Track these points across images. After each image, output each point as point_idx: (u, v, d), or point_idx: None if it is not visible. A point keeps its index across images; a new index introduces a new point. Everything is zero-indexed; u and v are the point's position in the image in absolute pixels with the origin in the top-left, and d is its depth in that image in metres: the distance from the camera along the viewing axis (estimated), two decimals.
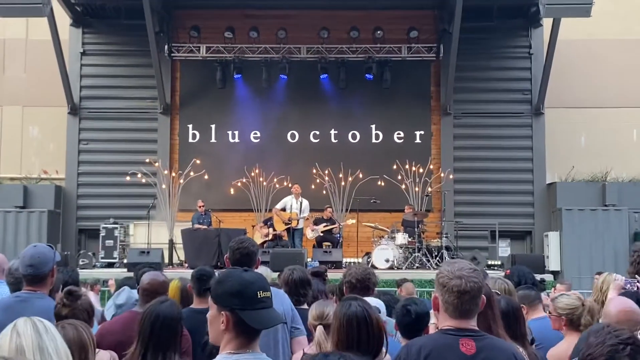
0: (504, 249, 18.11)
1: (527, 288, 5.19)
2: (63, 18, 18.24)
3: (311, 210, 16.27)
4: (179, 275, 6.32)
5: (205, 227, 15.77)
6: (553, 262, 16.94)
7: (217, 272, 5.43)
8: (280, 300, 4.36)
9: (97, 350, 3.69)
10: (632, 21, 19.41)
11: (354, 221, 16.42)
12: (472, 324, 2.88)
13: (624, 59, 19.23)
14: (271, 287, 2.76)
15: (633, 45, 19.37)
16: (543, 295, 6.31)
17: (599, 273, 6.16)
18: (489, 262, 16.25)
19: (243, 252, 4.37)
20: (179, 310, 3.68)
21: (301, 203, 15.91)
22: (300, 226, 16.02)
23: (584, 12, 15.57)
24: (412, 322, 4.02)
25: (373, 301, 3.87)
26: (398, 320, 4.10)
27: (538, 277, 10.00)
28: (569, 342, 4.18)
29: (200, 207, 16.27)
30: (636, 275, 5.60)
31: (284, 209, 16.06)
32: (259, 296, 2.59)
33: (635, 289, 5.43)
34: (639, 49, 19.43)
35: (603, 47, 19.11)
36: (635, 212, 17.17)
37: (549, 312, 4.71)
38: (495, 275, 5.23)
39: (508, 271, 5.75)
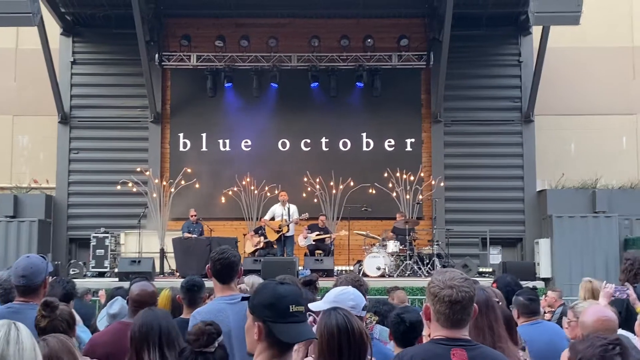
0: (495, 256, 18.14)
1: (528, 294, 5.18)
2: (53, 27, 18.22)
3: (301, 217, 16.20)
4: (170, 285, 6.31)
5: (195, 236, 15.72)
6: (544, 269, 16.99)
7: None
8: None
9: None
10: (621, 29, 19.56)
11: (346, 233, 16.42)
12: (464, 333, 2.88)
13: (612, 66, 19.36)
14: None
15: (622, 52, 19.50)
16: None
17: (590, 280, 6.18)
18: (480, 270, 16.27)
19: (224, 262, 4.35)
20: (171, 319, 3.66)
21: (288, 209, 15.85)
22: (291, 233, 15.97)
23: (573, 20, 15.64)
24: (407, 330, 4.02)
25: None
26: (393, 329, 4.10)
27: (530, 284, 10.02)
28: None
29: (192, 216, 16.23)
30: (626, 283, 5.63)
31: (272, 219, 16.02)
32: (290, 310, 2.62)
33: (625, 296, 5.46)
34: (628, 56, 19.58)
35: (592, 55, 19.22)
36: (626, 218, 17.23)
37: (568, 320, 4.73)
38: (484, 285, 5.23)
39: (495, 284, 5.75)
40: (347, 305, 3.41)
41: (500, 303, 4.45)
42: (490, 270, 16.48)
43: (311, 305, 3.42)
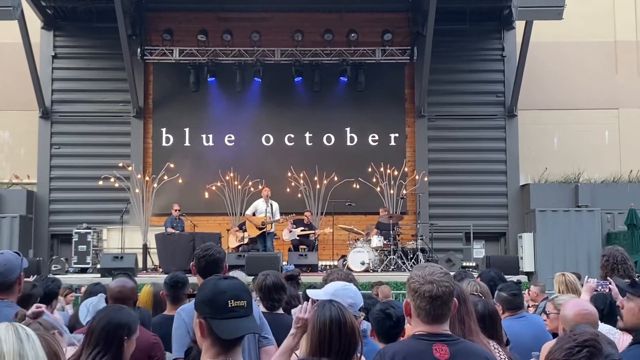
0: (479, 250, 18.22)
1: (510, 289, 5.17)
2: (34, 21, 18.04)
3: (288, 213, 16.13)
4: (153, 281, 6.24)
5: (178, 231, 15.64)
6: (527, 263, 17.08)
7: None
8: None
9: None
10: (603, 23, 19.65)
11: (330, 230, 16.40)
12: (445, 328, 2.86)
13: (595, 60, 19.48)
14: None
15: (604, 47, 19.62)
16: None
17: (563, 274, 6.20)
18: (464, 264, 16.31)
19: (209, 259, 4.30)
20: (131, 316, 3.58)
21: (271, 205, 15.75)
22: (272, 229, 15.90)
23: (555, 15, 15.70)
24: (393, 325, 4.00)
25: None
26: (377, 324, 4.07)
27: (514, 278, 10.04)
28: None
29: (176, 210, 16.13)
30: (608, 277, 5.64)
31: (254, 214, 15.94)
32: (229, 305, 2.56)
33: (607, 290, 5.47)
34: (610, 50, 19.69)
35: (575, 49, 19.32)
36: (608, 212, 17.36)
37: (548, 312, 4.73)
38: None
39: (479, 278, 5.75)
40: (345, 301, 3.38)
41: (484, 297, 4.45)
42: (474, 264, 16.54)
43: (310, 292, 3.40)
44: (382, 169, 17.37)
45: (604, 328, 4.35)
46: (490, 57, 19.26)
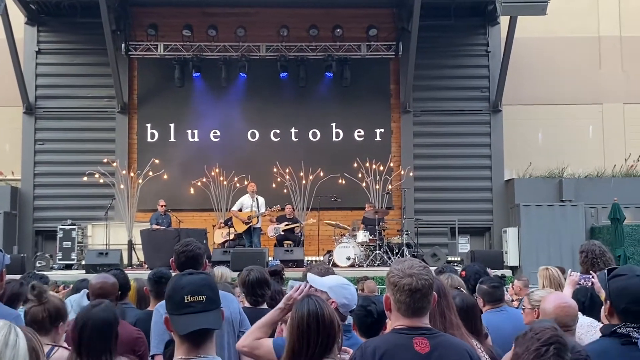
0: (464, 245, 18.31)
1: (491, 282, 5.21)
2: (17, 16, 17.93)
3: (273, 209, 16.14)
4: (138, 276, 6.23)
5: (163, 227, 15.60)
6: (512, 258, 17.18)
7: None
8: (227, 303, 4.28)
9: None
10: (587, 19, 19.76)
11: (314, 221, 16.44)
12: (425, 321, 2.88)
13: (579, 56, 19.60)
14: (219, 291, 2.73)
15: (588, 42, 19.73)
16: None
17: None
18: (449, 259, 16.38)
19: (188, 255, 4.29)
20: (114, 313, 3.57)
21: (257, 200, 15.75)
22: (258, 224, 15.88)
23: (539, 11, 15.79)
24: (374, 321, 4.01)
25: None
26: (358, 320, 4.08)
27: (498, 272, 10.10)
28: None
29: (162, 206, 16.07)
30: (590, 271, 5.68)
31: (240, 210, 15.91)
32: (185, 301, 2.57)
33: (590, 284, 5.52)
34: (594, 46, 19.80)
35: (559, 45, 19.42)
36: (592, 207, 17.49)
37: (524, 307, 4.77)
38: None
39: (463, 272, 5.79)
40: (340, 300, 3.41)
41: (464, 291, 4.48)
42: (459, 259, 16.61)
43: (310, 277, 3.43)
44: (367, 165, 17.39)
45: (585, 321, 4.39)
46: (475, 53, 19.32)
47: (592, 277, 5.56)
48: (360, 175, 17.44)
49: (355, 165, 17.55)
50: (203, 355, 2.59)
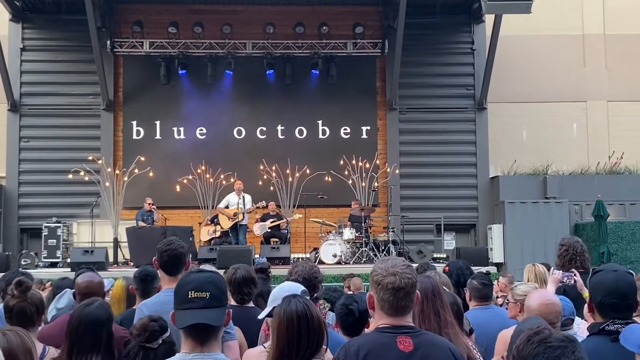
0: (450, 242, 18.39)
1: (482, 279, 5.25)
2: (2, 13, 17.85)
3: (258, 204, 16.14)
4: (123, 274, 6.22)
5: (149, 225, 15.55)
6: (496, 254, 17.29)
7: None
8: None
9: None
10: (572, 17, 19.88)
11: (300, 215, 16.47)
12: (408, 320, 2.90)
13: (563, 54, 19.71)
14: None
15: (572, 40, 19.85)
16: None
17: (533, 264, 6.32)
18: (435, 255, 16.47)
19: (171, 254, 4.24)
20: (108, 311, 3.58)
21: (243, 197, 15.74)
22: (244, 221, 15.88)
23: (524, 9, 15.88)
24: (356, 320, 4.03)
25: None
26: (341, 319, 4.10)
27: (483, 269, 10.15)
28: None
29: (149, 204, 16.00)
30: (573, 269, 5.74)
31: (227, 207, 15.90)
32: (189, 296, 2.62)
33: (573, 282, 5.58)
34: (579, 44, 19.92)
35: (543, 43, 19.52)
36: (576, 204, 17.63)
37: (507, 300, 4.82)
38: (429, 272, 5.29)
39: (447, 268, 5.84)
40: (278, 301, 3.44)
41: (449, 289, 4.53)
42: (445, 256, 16.70)
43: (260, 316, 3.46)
44: (354, 162, 17.44)
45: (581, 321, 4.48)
46: (461, 51, 19.39)
47: (575, 274, 5.63)
48: (346, 172, 17.48)
49: (342, 162, 17.59)
50: (207, 352, 2.61)
